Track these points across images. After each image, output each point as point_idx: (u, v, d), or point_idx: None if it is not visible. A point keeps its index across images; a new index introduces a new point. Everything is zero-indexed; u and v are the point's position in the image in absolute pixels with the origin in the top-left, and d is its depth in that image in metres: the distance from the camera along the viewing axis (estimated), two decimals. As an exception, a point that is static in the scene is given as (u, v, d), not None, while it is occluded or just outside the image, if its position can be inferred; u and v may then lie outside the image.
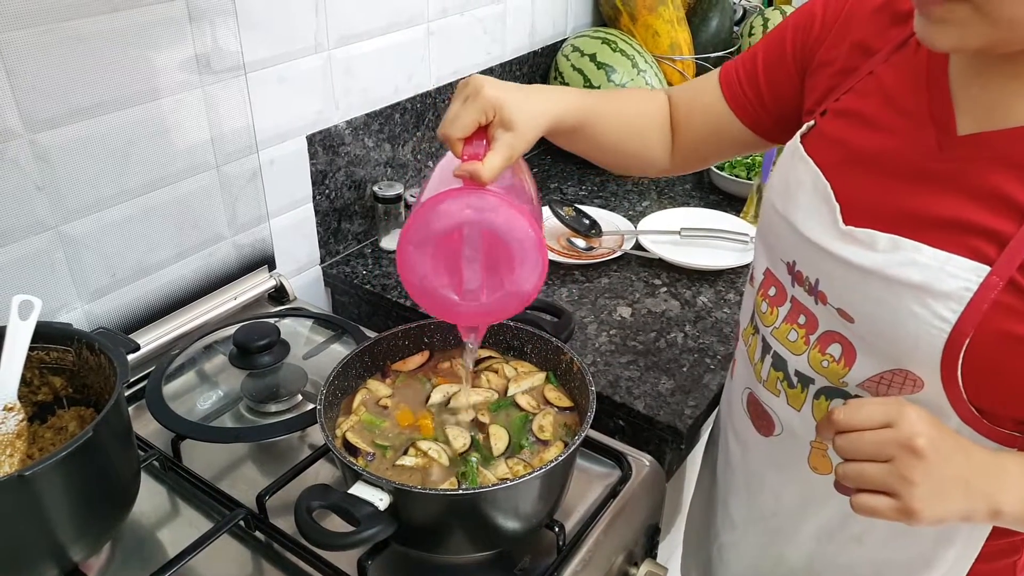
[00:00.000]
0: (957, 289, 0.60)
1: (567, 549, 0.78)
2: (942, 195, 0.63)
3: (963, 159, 0.62)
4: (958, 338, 0.60)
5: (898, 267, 0.63)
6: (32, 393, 0.81)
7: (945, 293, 0.60)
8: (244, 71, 1.07)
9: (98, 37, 0.89)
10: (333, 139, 1.24)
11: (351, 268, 1.30)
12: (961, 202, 0.61)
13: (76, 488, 0.68)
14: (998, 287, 0.59)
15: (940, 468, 0.58)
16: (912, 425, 0.58)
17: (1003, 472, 0.61)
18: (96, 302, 1.00)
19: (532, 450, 0.78)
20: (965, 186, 0.62)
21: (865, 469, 0.59)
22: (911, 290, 0.62)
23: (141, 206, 1.00)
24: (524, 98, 0.70)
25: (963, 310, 0.60)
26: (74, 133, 0.90)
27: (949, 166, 0.63)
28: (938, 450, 0.58)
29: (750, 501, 0.88)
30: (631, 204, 1.52)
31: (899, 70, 0.68)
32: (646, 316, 1.18)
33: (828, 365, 0.71)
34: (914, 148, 0.65)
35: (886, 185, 0.66)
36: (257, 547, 0.80)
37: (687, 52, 1.70)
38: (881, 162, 0.67)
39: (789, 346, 0.75)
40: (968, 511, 0.59)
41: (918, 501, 0.57)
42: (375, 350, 0.86)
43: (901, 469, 0.57)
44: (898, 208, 0.65)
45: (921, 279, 0.62)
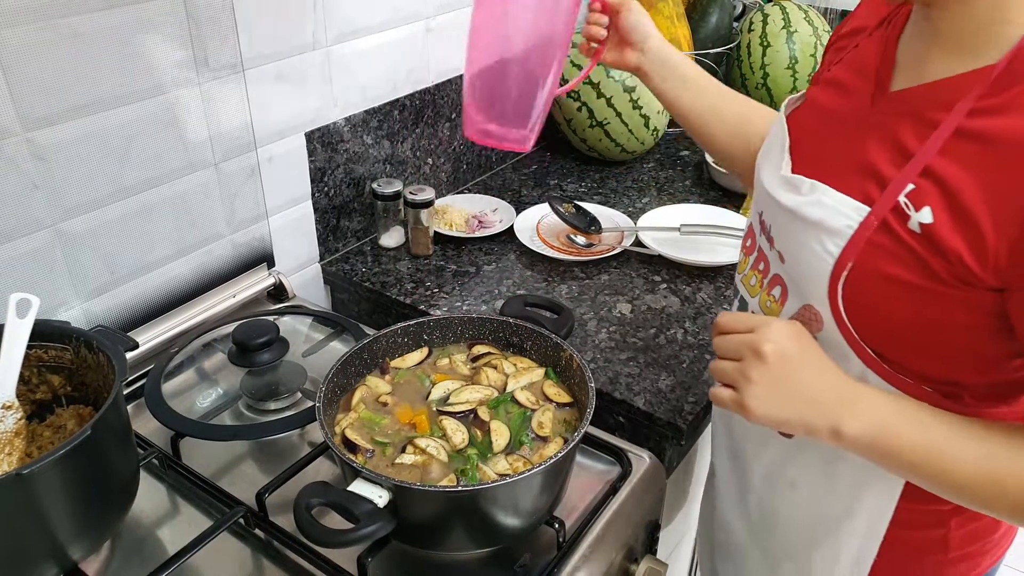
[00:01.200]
0: (843, 226, 0.65)
1: (567, 546, 0.78)
2: (863, 145, 0.68)
3: (886, 112, 0.67)
4: (838, 271, 0.65)
5: (808, 207, 0.68)
6: (31, 392, 0.81)
7: (834, 230, 0.66)
8: (242, 68, 1.07)
9: (95, 34, 0.89)
10: (332, 136, 1.24)
11: (350, 266, 1.30)
12: (873, 151, 0.66)
13: (75, 486, 0.68)
14: (873, 227, 0.63)
15: (780, 375, 0.64)
16: (767, 333, 0.65)
17: (855, 398, 0.65)
18: (95, 300, 0.99)
19: (532, 446, 0.78)
20: (878, 136, 0.66)
21: (721, 364, 0.68)
22: (812, 227, 0.68)
23: (139, 204, 1.00)
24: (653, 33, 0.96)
25: (844, 245, 0.65)
26: (71, 131, 0.90)
27: (875, 119, 0.68)
28: (784, 359, 0.64)
29: (727, 447, 0.92)
30: (631, 200, 1.52)
31: (876, 42, 0.73)
32: (646, 312, 1.18)
33: (771, 306, 0.75)
34: (856, 104, 0.71)
35: (829, 139, 0.72)
36: (257, 545, 0.80)
37: (686, 48, 1.70)
38: (833, 119, 0.73)
39: (750, 289, 0.80)
40: (808, 423, 0.65)
41: (751, 398, 0.65)
42: (374, 347, 0.86)
43: (744, 368, 0.66)
44: (830, 158, 0.71)
45: (820, 216, 0.67)
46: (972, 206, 0.58)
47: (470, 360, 0.89)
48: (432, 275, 1.27)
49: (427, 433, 0.79)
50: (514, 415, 0.81)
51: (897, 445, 0.63)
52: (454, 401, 0.82)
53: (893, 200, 0.62)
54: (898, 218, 0.62)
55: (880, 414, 0.64)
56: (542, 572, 0.76)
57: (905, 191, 0.61)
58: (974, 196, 0.58)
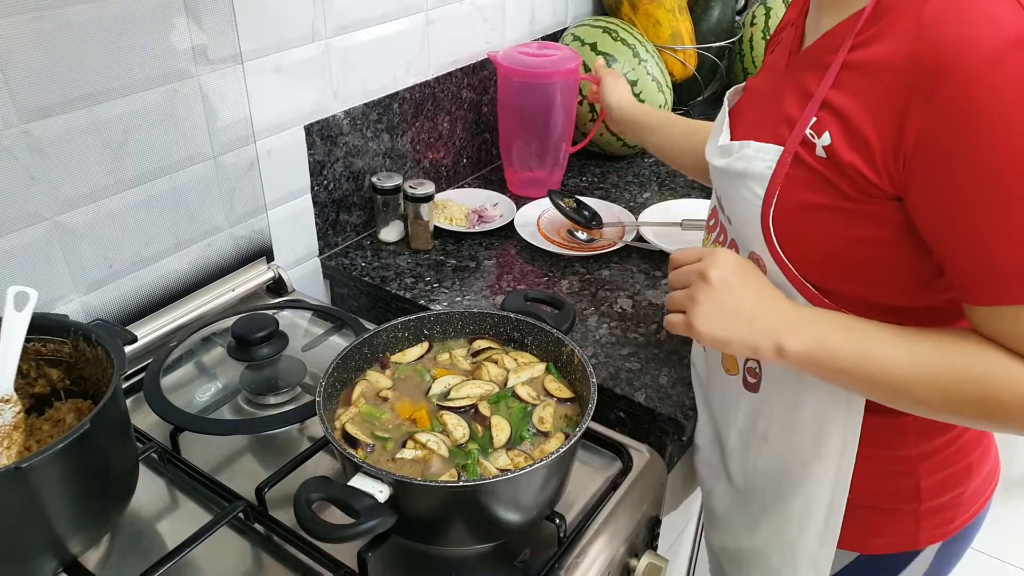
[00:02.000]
0: (763, 169, 0.72)
1: (568, 541, 0.78)
2: (778, 102, 0.75)
3: (795, 69, 0.75)
4: (766, 209, 0.72)
5: (736, 162, 0.75)
6: (29, 385, 0.81)
7: (757, 174, 0.73)
8: (241, 60, 1.06)
9: (91, 25, 0.88)
10: (331, 129, 1.23)
11: (350, 260, 1.30)
12: (786, 102, 0.73)
13: (74, 480, 0.68)
14: (787, 163, 0.70)
15: (725, 297, 0.71)
16: (712, 260, 0.72)
17: (796, 318, 0.71)
18: (93, 293, 0.99)
19: (533, 442, 0.78)
20: (791, 89, 0.73)
21: (673, 293, 0.76)
22: (740, 178, 0.75)
23: (138, 197, 0.99)
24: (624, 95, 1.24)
25: (768, 185, 0.72)
26: (68, 123, 0.89)
27: (787, 78, 0.76)
28: (727, 283, 0.71)
29: (706, 417, 0.95)
30: (632, 195, 1.51)
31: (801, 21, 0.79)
32: (647, 308, 1.18)
33: None
34: (777, 72, 0.80)
35: (755, 108, 0.81)
36: (257, 539, 0.79)
37: (688, 42, 1.69)
38: (760, 92, 0.82)
39: None
40: (752, 343, 0.71)
41: (697, 318, 0.72)
42: (374, 342, 0.86)
43: (692, 291, 0.73)
44: (756, 121, 0.78)
45: (744, 167, 0.74)
46: (860, 124, 0.65)
47: (471, 355, 0.88)
48: (432, 270, 1.27)
49: (428, 428, 0.79)
50: (515, 410, 0.81)
51: (836, 356, 0.69)
52: (455, 396, 0.82)
53: (801, 134, 0.69)
54: (806, 148, 0.69)
55: (819, 329, 0.70)
56: (543, 567, 0.76)
57: (810, 124, 0.69)
58: (860, 115, 0.65)
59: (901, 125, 0.62)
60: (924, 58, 0.60)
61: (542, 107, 1.41)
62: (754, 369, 0.82)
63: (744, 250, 0.78)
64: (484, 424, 0.79)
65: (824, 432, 0.79)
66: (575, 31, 1.60)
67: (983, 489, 0.85)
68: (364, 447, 0.76)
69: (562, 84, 1.40)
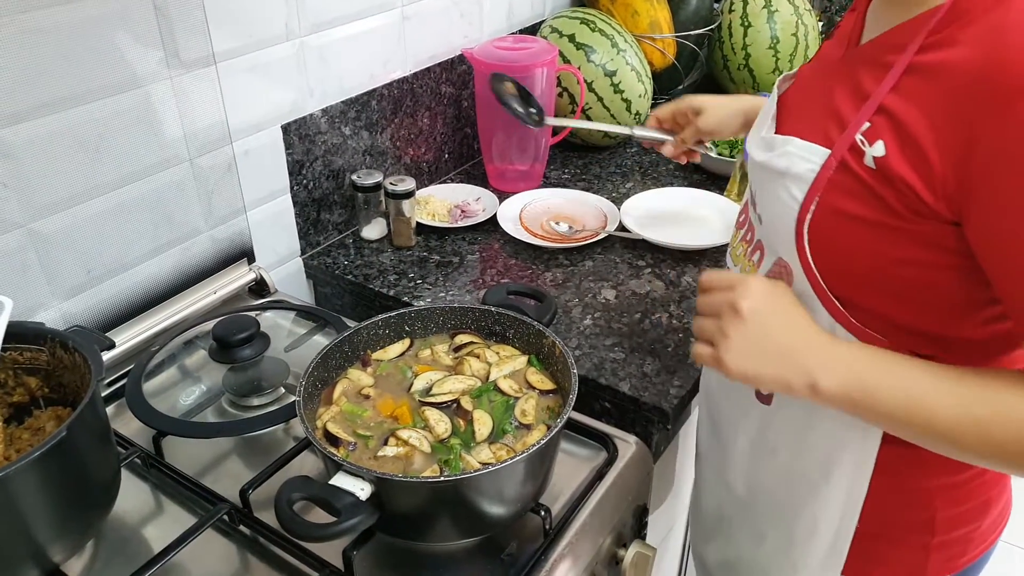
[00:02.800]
0: (806, 171, 0.67)
1: (554, 532, 0.78)
2: (829, 97, 0.70)
3: (850, 63, 0.70)
4: (802, 215, 0.67)
5: (776, 158, 0.70)
6: (7, 394, 0.80)
7: (798, 175, 0.68)
8: (214, 61, 1.05)
9: (59, 29, 0.87)
10: (309, 128, 1.23)
11: (332, 259, 1.29)
12: (837, 98, 0.68)
13: (53, 488, 0.67)
14: (832, 167, 0.65)
15: (756, 331, 0.66)
16: (744, 291, 0.67)
17: (831, 354, 0.66)
18: (72, 300, 0.98)
19: (515, 435, 0.78)
20: (843, 85, 0.69)
21: (701, 321, 0.71)
22: (779, 176, 0.70)
23: (114, 201, 0.99)
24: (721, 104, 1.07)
25: (808, 189, 0.67)
26: (40, 128, 0.88)
27: (842, 71, 0.70)
28: (760, 317, 0.66)
29: (709, 424, 0.92)
30: (615, 186, 1.51)
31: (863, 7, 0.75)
32: (630, 298, 1.18)
33: (749, 270, 0.76)
34: (830, 64, 0.74)
35: (806, 100, 0.75)
36: (242, 541, 0.79)
37: (667, 30, 1.69)
38: (811, 82, 0.77)
39: (735, 258, 0.82)
40: (784, 379, 0.66)
41: (727, 352, 0.67)
42: (355, 340, 0.85)
43: (722, 324, 0.68)
44: (804, 115, 0.73)
45: (785, 165, 0.69)
46: (919, 136, 0.59)
47: (452, 350, 0.88)
48: (415, 266, 1.26)
49: (409, 424, 0.78)
50: (497, 404, 0.81)
51: (874, 397, 0.64)
52: (436, 392, 0.82)
53: (851, 139, 0.64)
54: (855, 155, 0.64)
55: (856, 367, 0.64)
56: (529, 560, 0.76)
57: (861, 129, 0.64)
58: (921, 126, 0.59)
59: (967, 142, 0.57)
60: (1001, 69, 0.54)
61: (521, 100, 1.41)
62: None
63: (771, 253, 0.73)
64: (466, 419, 0.79)
65: (835, 457, 0.76)
66: (553, 23, 1.59)
67: (996, 524, 0.81)
68: (346, 445, 0.76)
69: (540, 77, 1.40)
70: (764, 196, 0.74)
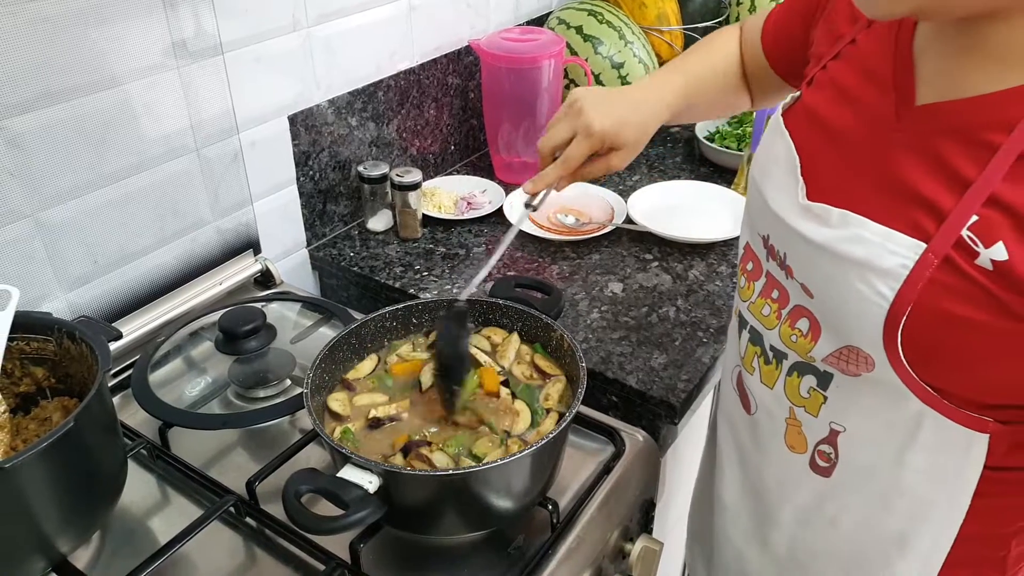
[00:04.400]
0: (895, 266, 0.58)
1: (561, 526, 0.78)
2: (894, 166, 0.61)
3: (918, 130, 0.60)
4: (896, 315, 0.59)
5: (846, 243, 0.62)
6: (14, 384, 0.80)
7: (885, 270, 0.59)
8: (221, 51, 1.04)
9: (66, 17, 0.86)
10: (315, 119, 1.22)
11: (338, 250, 1.29)
12: (911, 173, 0.60)
13: (60, 479, 0.67)
14: (933, 264, 0.57)
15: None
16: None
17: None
18: (78, 290, 0.98)
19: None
20: (916, 157, 0.60)
21: None
22: (855, 266, 0.61)
23: (120, 192, 0.98)
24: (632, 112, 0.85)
25: (900, 287, 0.58)
26: (47, 117, 0.88)
27: (904, 136, 0.61)
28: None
29: (742, 480, 0.85)
30: (621, 178, 1.50)
31: (875, 38, 0.67)
32: (637, 291, 1.17)
33: (797, 340, 0.70)
34: (875, 118, 0.64)
35: (848, 158, 0.65)
36: (249, 534, 0.79)
37: (675, 22, 1.68)
38: (847, 135, 0.66)
39: (763, 320, 0.74)
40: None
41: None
42: (362, 332, 0.85)
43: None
44: (855, 181, 0.64)
45: (864, 255, 0.60)
46: None
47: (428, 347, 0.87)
48: (421, 258, 1.26)
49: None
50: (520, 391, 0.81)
51: None
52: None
53: (955, 234, 0.56)
54: (963, 254, 0.56)
55: None
56: (536, 554, 0.76)
57: (968, 223, 0.55)
58: None
59: None
60: None
61: (527, 92, 1.40)
62: (827, 453, 0.72)
63: (835, 336, 0.65)
64: None
65: (913, 531, 0.70)
66: (560, 14, 1.58)
67: None
68: None
69: (547, 68, 1.39)
70: (816, 273, 0.65)
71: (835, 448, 0.71)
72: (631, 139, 0.84)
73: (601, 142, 0.82)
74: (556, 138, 0.84)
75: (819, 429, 0.71)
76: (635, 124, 0.84)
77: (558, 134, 0.84)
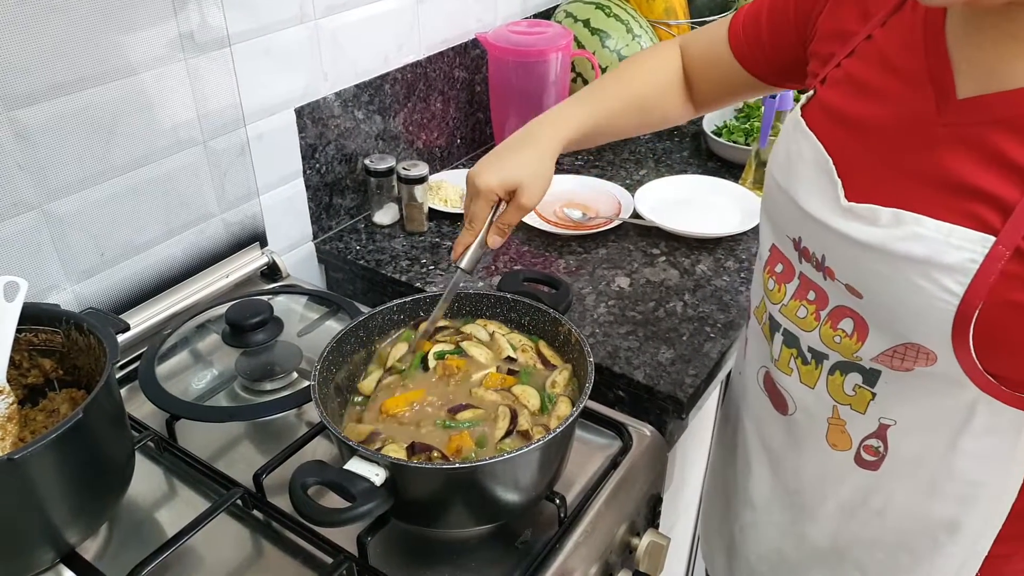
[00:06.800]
0: (962, 261, 0.58)
1: (569, 521, 0.78)
2: (942, 161, 0.60)
3: (964, 123, 0.60)
4: (967, 311, 0.58)
5: (901, 242, 0.61)
6: (22, 376, 0.80)
7: (950, 266, 0.58)
8: (229, 43, 1.04)
9: (75, 9, 0.86)
10: (322, 112, 1.22)
11: (344, 244, 1.28)
12: (963, 167, 0.59)
13: (68, 470, 0.67)
14: (1005, 257, 0.56)
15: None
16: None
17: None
18: (85, 282, 0.98)
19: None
20: (966, 151, 0.59)
21: None
22: (916, 264, 0.60)
23: (128, 184, 0.98)
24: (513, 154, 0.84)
25: (970, 282, 0.58)
26: (55, 109, 0.88)
27: (949, 130, 0.60)
28: None
29: (772, 480, 0.85)
30: (628, 173, 1.50)
31: (896, 33, 0.66)
32: (645, 286, 1.17)
33: (841, 341, 0.69)
34: (913, 114, 0.63)
35: (886, 156, 0.64)
36: (256, 526, 0.79)
37: (682, 16, 1.67)
38: (881, 132, 0.65)
39: (799, 323, 0.74)
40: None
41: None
42: (369, 325, 0.85)
43: None
44: (899, 179, 0.63)
45: (925, 252, 0.60)
46: None
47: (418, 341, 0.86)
48: (427, 252, 1.26)
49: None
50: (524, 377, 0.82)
51: None
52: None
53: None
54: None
55: None
56: (544, 547, 0.76)
57: None
58: None
59: None
60: None
61: (534, 86, 1.40)
62: (875, 448, 0.72)
63: (888, 334, 0.65)
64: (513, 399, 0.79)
65: (963, 516, 0.71)
66: (568, 8, 1.58)
67: None
68: None
69: (554, 62, 1.39)
70: (867, 273, 0.64)
71: (884, 442, 0.71)
72: (523, 176, 0.82)
73: (492, 192, 0.82)
74: (468, 215, 0.84)
75: (866, 425, 0.71)
76: (522, 163, 0.83)
77: (466, 210, 0.85)
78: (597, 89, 0.92)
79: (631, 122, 0.95)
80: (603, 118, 0.90)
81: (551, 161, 0.85)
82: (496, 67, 1.42)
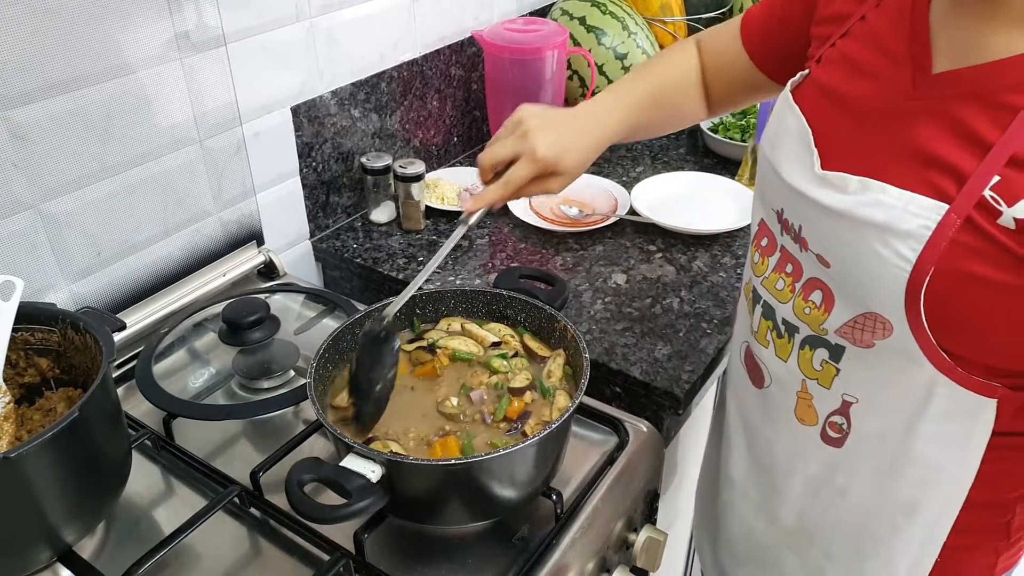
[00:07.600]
0: (917, 228, 0.60)
1: (565, 516, 0.78)
2: (911, 133, 0.62)
3: (936, 96, 0.62)
4: (918, 277, 0.60)
5: (865, 207, 0.63)
6: (18, 375, 0.80)
7: (906, 232, 0.60)
8: (224, 42, 1.04)
9: (70, 8, 0.86)
10: (318, 110, 1.22)
11: (341, 242, 1.29)
12: (929, 139, 0.61)
13: (65, 469, 0.67)
14: (955, 225, 0.58)
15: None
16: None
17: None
18: (82, 282, 0.98)
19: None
20: (934, 122, 0.61)
21: None
22: (875, 230, 0.62)
23: (124, 183, 0.98)
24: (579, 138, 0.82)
25: (923, 248, 0.59)
26: (50, 108, 0.88)
27: (921, 103, 0.62)
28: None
29: (748, 456, 0.87)
30: (625, 170, 1.50)
31: (887, 14, 0.68)
32: (641, 282, 1.17)
33: (810, 312, 0.71)
34: (891, 89, 0.65)
35: (862, 127, 0.66)
36: (253, 524, 0.79)
37: (678, 13, 1.67)
38: (860, 105, 0.67)
39: (776, 295, 0.75)
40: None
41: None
42: (365, 322, 0.85)
43: None
44: (870, 149, 0.65)
45: (885, 218, 0.61)
46: None
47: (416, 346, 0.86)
48: (425, 250, 1.26)
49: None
50: None
51: None
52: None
53: (977, 195, 0.57)
54: (985, 214, 0.57)
55: None
56: (540, 544, 0.76)
57: (991, 184, 0.56)
58: None
59: None
60: None
61: (531, 83, 1.40)
62: (839, 424, 0.73)
63: (852, 303, 0.66)
64: None
65: (923, 499, 0.72)
66: (563, 5, 1.58)
67: None
68: None
69: (550, 59, 1.39)
70: (833, 240, 0.66)
71: (847, 419, 0.72)
72: (572, 166, 0.81)
73: (544, 167, 0.79)
74: (498, 155, 0.80)
75: (831, 401, 0.73)
76: (580, 150, 0.82)
77: (501, 152, 0.80)
78: (634, 78, 0.92)
79: (659, 123, 0.96)
80: (639, 120, 0.90)
81: (595, 157, 0.85)
82: (492, 65, 1.42)
